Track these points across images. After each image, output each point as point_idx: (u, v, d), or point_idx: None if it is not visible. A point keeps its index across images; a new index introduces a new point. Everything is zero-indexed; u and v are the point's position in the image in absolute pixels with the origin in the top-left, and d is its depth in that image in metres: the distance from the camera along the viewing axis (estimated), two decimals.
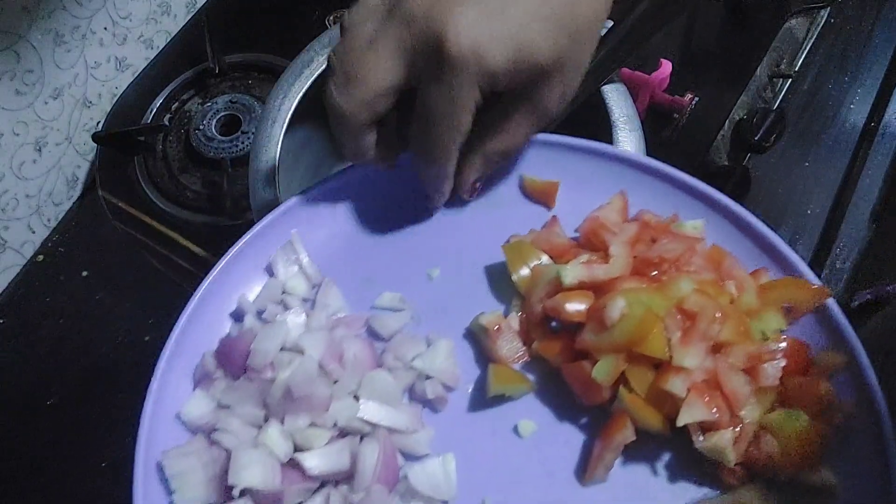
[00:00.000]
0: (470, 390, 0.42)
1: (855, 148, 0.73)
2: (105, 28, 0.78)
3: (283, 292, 0.44)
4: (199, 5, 0.89)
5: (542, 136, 0.46)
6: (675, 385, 0.36)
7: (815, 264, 0.67)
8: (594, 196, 0.46)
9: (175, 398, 0.40)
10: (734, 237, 0.44)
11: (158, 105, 0.79)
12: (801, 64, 0.79)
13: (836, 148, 0.73)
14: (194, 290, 0.42)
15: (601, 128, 0.52)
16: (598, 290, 0.40)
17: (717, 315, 0.37)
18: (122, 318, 0.72)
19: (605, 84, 0.52)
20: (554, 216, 0.46)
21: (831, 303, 0.40)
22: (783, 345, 0.39)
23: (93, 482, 0.65)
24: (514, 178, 0.47)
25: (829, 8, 0.81)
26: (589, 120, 0.51)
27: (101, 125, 0.81)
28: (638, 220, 0.44)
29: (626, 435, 0.38)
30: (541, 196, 0.47)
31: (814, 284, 0.41)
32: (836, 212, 0.70)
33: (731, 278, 0.41)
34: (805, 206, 0.70)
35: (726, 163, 0.72)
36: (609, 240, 0.42)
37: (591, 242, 0.43)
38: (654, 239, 0.42)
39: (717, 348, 0.38)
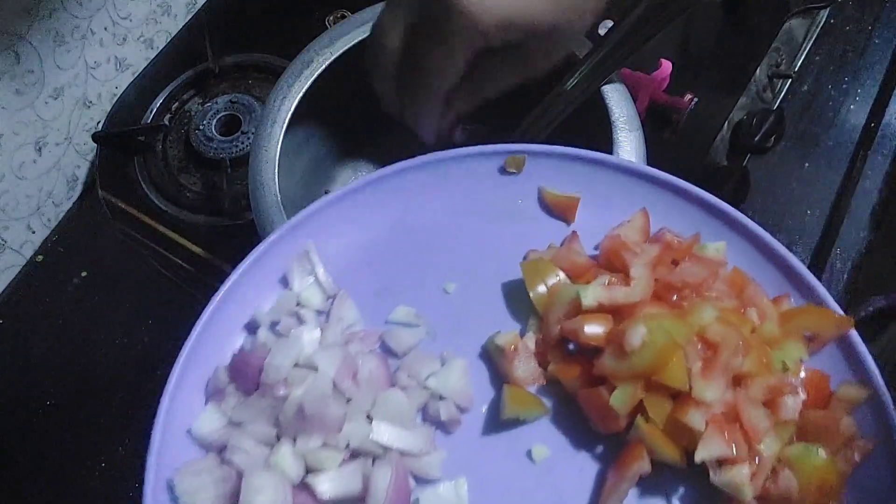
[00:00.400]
0: (484, 411, 0.41)
1: (855, 149, 0.73)
2: (105, 28, 0.78)
3: (298, 304, 0.43)
4: (199, 5, 0.89)
5: (562, 149, 0.45)
6: (694, 419, 0.35)
7: (815, 266, 0.67)
8: (615, 211, 0.45)
9: (187, 412, 0.39)
10: (755, 259, 0.43)
11: (158, 105, 0.79)
12: (801, 64, 0.79)
13: (836, 149, 0.73)
14: (207, 300, 0.41)
15: (601, 128, 0.52)
16: (618, 313, 0.39)
17: (739, 345, 0.36)
18: (122, 318, 0.72)
19: (604, 84, 0.52)
20: (574, 232, 0.45)
21: (853, 333, 0.39)
22: (804, 375, 0.38)
23: (91, 483, 0.65)
24: (533, 192, 0.46)
25: (829, 8, 0.81)
26: (589, 120, 0.51)
27: (101, 125, 0.81)
28: (659, 241, 0.43)
29: (642, 465, 0.37)
30: (561, 210, 0.46)
31: (837, 313, 0.40)
32: (835, 213, 0.70)
33: (753, 305, 0.40)
34: (805, 207, 0.70)
35: (726, 164, 0.72)
36: (630, 261, 0.40)
37: (612, 262, 0.42)
38: (676, 261, 0.41)
39: (737, 380, 0.37)
